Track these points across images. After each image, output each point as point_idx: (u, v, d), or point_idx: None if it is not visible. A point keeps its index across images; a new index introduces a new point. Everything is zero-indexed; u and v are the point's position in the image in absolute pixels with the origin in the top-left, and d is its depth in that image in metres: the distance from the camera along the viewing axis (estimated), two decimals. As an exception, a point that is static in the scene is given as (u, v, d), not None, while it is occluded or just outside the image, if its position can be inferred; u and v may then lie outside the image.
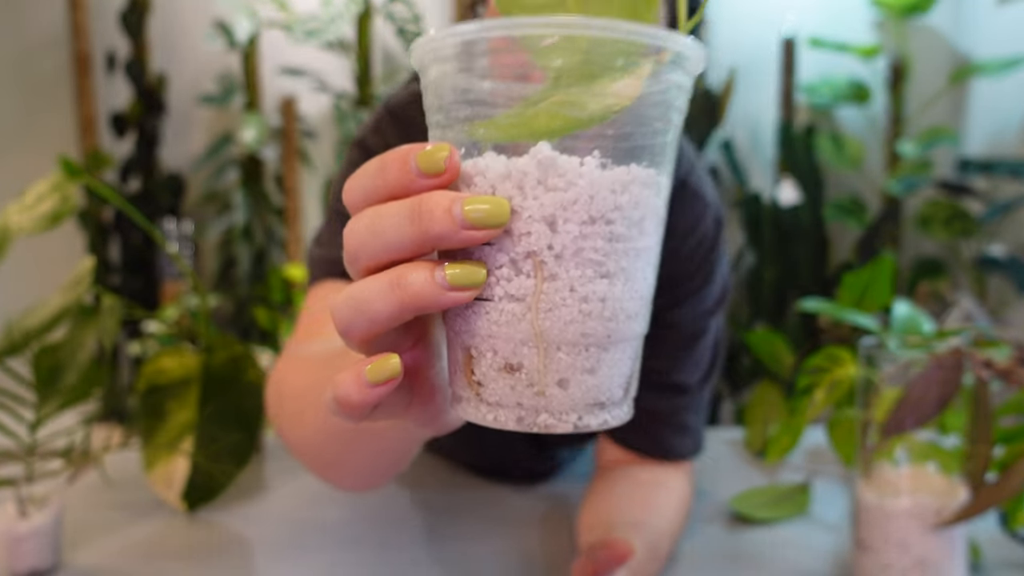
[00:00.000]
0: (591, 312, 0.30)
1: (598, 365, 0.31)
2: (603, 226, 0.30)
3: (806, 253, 2.54)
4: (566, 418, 0.31)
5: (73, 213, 0.78)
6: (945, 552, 0.57)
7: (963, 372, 0.53)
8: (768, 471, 0.88)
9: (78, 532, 0.74)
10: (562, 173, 0.30)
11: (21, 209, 0.78)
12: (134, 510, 0.79)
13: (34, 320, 0.75)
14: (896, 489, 0.58)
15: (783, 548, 0.70)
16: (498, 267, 0.31)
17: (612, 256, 0.30)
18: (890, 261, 0.84)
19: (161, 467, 0.78)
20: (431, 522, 0.76)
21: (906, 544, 0.57)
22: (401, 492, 0.83)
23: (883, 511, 0.58)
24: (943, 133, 2.40)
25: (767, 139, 2.75)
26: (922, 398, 0.52)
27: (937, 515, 0.56)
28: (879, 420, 0.57)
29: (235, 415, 0.79)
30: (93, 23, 2.66)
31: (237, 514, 0.78)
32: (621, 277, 0.31)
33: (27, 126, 2.78)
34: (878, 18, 2.69)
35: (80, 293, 0.77)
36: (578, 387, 0.31)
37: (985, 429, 0.54)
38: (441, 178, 0.30)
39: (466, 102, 0.31)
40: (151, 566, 0.68)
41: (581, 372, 0.31)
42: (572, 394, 0.31)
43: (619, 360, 0.32)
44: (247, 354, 0.80)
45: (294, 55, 2.69)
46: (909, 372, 0.55)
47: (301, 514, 0.78)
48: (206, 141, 2.79)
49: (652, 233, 0.32)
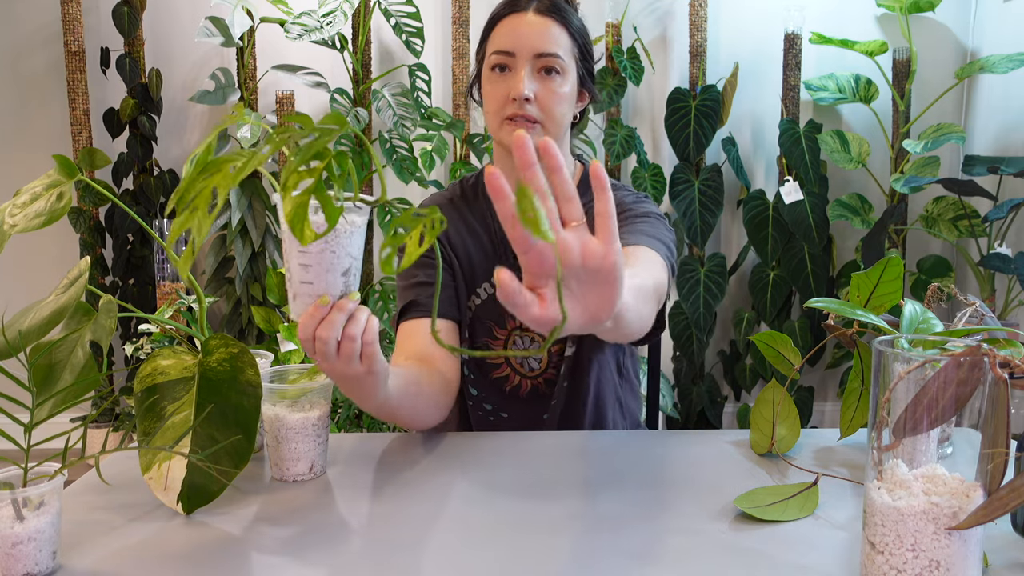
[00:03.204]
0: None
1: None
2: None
3: (810, 252, 2.53)
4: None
5: (66, 212, 0.77)
6: (959, 555, 0.56)
7: (982, 372, 0.52)
8: (775, 471, 0.87)
9: (75, 534, 0.73)
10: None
11: (15, 207, 0.77)
12: (132, 512, 0.78)
13: (30, 320, 0.74)
14: (910, 490, 0.57)
15: (791, 548, 0.69)
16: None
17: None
18: (900, 261, 0.82)
19: (158, 468, 0.77)
20: (431, 523, 0.75)
21: (920, 546, 0.56)
22: (401, 493, 0.82)
23: (897, 512, 0.57)
24: (949, 130, 2.38)
25: (771, 136, 2.73)
26: (939, 397, 0.51)
27: (953, 517, 0.55)
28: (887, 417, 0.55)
29: (233, 416, 0.78)
30: (86, 19, 2.65)
31: (235, 516, 0.77)
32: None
33: (19, 123, 2.77)
34: (883, 14, 2.68)
35: (77, 293, 0.75)
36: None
37: (1002, 429, 0.52)
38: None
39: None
40: (149, 568, 0.67)
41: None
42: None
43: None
44: (245, 354, 0.79)
45: (290, 52, 2.67)
46: (925, 372, 0.54)
47: (300, 515, 0.77)
48: (201, 138, 2.77)
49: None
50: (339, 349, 0.72)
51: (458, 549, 0.70)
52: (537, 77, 1.02)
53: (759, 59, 2.69)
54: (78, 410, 2.74)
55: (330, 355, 0.72)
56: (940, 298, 0.93)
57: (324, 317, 0.71)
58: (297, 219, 0.57)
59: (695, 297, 2.53)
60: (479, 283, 1.12)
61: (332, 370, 0.75)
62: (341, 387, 0.81)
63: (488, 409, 1.15)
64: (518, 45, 1.01)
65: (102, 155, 0.93)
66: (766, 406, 0.94)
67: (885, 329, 0.77)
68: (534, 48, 1.01)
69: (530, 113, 1.01)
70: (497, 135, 1.05)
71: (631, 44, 2.58)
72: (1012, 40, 2.43)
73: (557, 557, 0.68)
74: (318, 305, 0.71)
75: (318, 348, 0.72)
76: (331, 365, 0.74)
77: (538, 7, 1.03)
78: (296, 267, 0.71)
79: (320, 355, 0.72)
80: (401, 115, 2.49)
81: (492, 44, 1.04)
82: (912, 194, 2.53)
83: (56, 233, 2.76)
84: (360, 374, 0.76)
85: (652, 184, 2.55)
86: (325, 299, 0.71)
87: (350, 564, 0.67)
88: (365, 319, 0.73)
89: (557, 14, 1.03)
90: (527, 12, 1.03)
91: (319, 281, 0.71)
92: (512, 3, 1.04)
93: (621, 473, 0.87)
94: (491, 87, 1.04)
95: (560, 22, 1.03)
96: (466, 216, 1.13)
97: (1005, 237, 2.33)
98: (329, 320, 0.71)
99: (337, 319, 0.71)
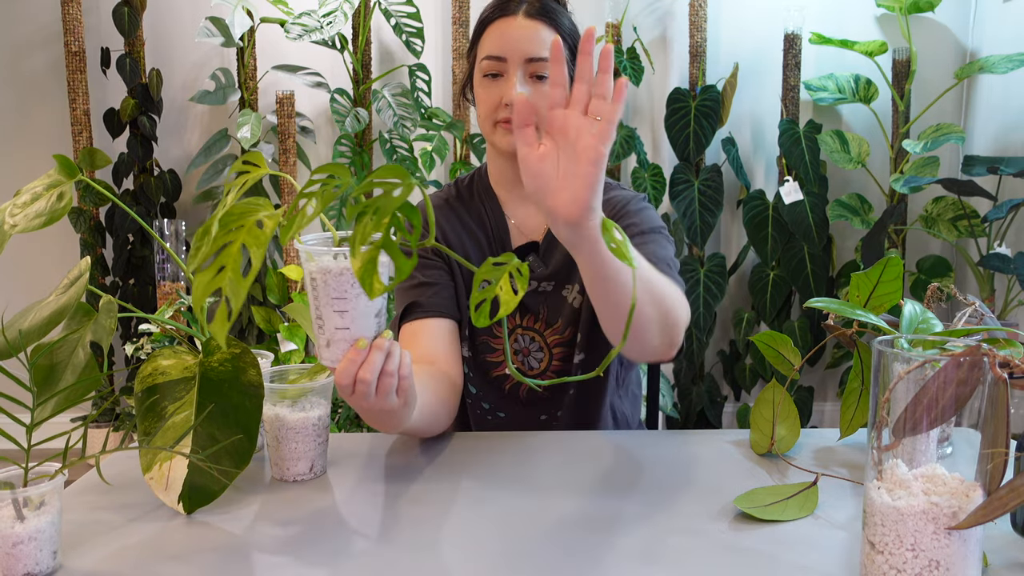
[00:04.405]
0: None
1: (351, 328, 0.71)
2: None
3: (810, 252, 2.53)
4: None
5: (66, 212, 0.77)
6: (959, 555, 0.56)
7: (982, 371, 0.52)
8: (775, 471, 0.87)
9: (76, 534, 0.73)
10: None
11: (15, 207, 0.77)
12: (132, 512, 0.78)
13: (30, 320, 0.74)
14: (910, 490, 0.57)
15: (791, 548, 0.69)
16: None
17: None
18: (899, 261, 0.82)
19: (159, 468, 0.77)
20: (431, 522, 0.75)
21: (919, 546, 0.56)
22: (401, 493, 0.82)
23: (897, 512, 0.57)
24: (949, 130, 2.38)
25: (771, 136, 2.73)
26: (939, 397, 0.51)
27: (953, 517, 0.55)
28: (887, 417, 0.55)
29: (234, 416, 0.78)
30: (86, 19, 2.65)
31: (236, 516, 0.77)
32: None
33: (19, 123, 2.77)
34: (883, 14, 2.68)
35: (78, 293, 0.75)
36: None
37: (1002, 429, 0.53)
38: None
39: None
40: (149, 568, 0.67)
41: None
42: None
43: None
44: (247, 354, 0.79)
45: (291, 52, 2.67)
46: (925, 372, 0.54)
47: (300, 515, 0.77)
48: (201, 138, 2.77)
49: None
50: (377, 387, 0.71)
51: (458, 549, 0.70)
52: (529, 81, 1.01)
53: (759, 59, 2.69)
54: (78, 410, 2.74)
55: (370, 395, 0.71)
56: (940, 298, 0.93)
57: (364, 360, 0.70)
58: (367, 274, 0.57)
59: (695, 297, 2.53)
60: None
61: (369, 408, 0.74)
62: (371, 420, 0.81)
63: (486, 408, 1.15)
64: (509, 50, 1.01)
65: (102, 155, 0.93)
66: (766, 406, 0.94)
67: (885, 329, 0.78)
68: (525, 53, 1.00)
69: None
70: (490, 138, 1.05)
71: (631, 44, 2.58)
72: (1012, 40, 2.43)
73: (557, 557, 0.68)
74: (357, 349, 0.70)
75: (359, 390, 0.70)
76: (369, 404, 0.73)
77: (528, 10, 1.02)
78: (331, 315, 0.69)
79: (359, 396, 0.71)
80: (401, 115, 2.49)
81: (483, 49, 1.04)
82: (912, 194, 2.53)
83: (56, 233, 2.76)
84: (396, 408, 0.76)
85: (652, 184, 2.55)
86: (363, 342, 0.70)
87: (350, 564, 0.67)
88: (399, 355, 0.73)
89: (547, 17, 1.02)
90: (517, 15, 1.02)
91: (355, 326, 0.70)
92: (501, 6, 1.04)
93: (621, 473, 0.87)
94: (483, 92, 1.04)
95: (550, 25, 1.02)
96: (463, 216, 1.13)
97: (1005, 237, 2.33)
98: (370, 362, 0.70)
99: (377, 360, 0.70)
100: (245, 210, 0.59)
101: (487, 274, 0.63)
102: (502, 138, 1.03)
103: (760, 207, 2.57)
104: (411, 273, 1.07)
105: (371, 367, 0.70)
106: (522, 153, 0.69)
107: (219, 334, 0.57)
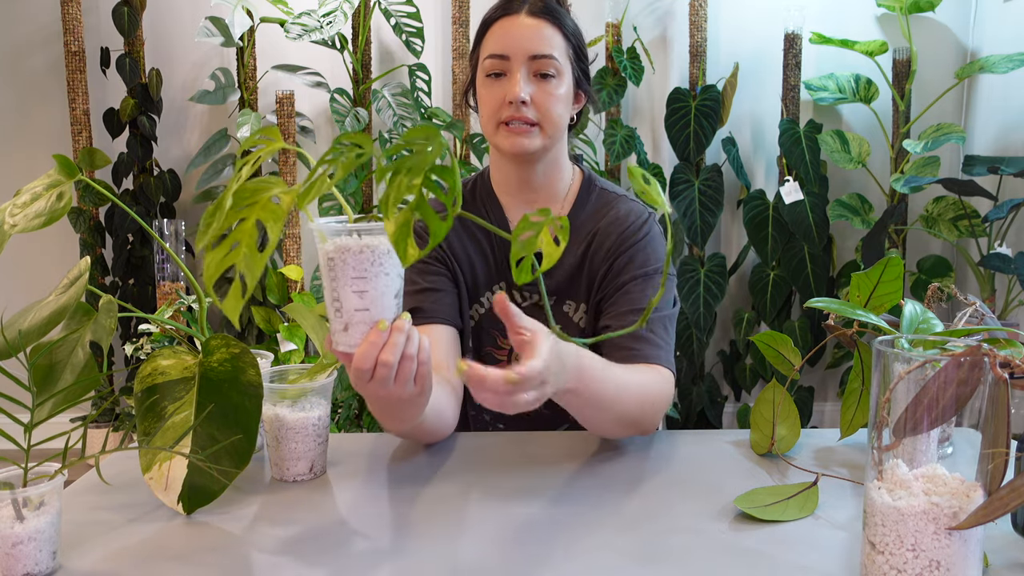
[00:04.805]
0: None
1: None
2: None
3: (810, 252, 2.53)
4: None
5: (66, 212, 0.77)
6: (960, 555, 0.56)
7: (983, 372, 0.52)
8: (775, 471, 0.87)
9: (75, 534, 0.73)
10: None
11: (15, 207, 0.77)
12: (132, 512, 0.78)
13: (30, 320, 0.74)
14: (910, 490, 0.57)
15: (791, 548, 0.69)
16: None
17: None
18: (900, 261, 0.82)
19: (159, 468, 0.77)
20: (431, 522, 0.75)
21: (920, 546, 0.56)
22: (401, 493, 0.82)
23: (898, 512, 0.57)
24: (949, 130, 2.38)
25: (771, 136, 2.73)
26: (939, 397, 0.51)
27: (953, 517, 0.55)
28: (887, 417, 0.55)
29: (233, 416, 0.78)
30: (86, 19, 2.65)
31: (235, 516, 0.77)
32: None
33: (19, 123, 2.77)
34: (883, 14, 2.68)
35: (77, 293, 0.75)
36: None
37: (1002, 429, 0.52)
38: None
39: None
40: (149, 568, 0.67)
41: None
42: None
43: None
44: (246, 355, 0.79)
45: (290, 52, 2.67)
46: (925, 372, 0.54)
47: (300, 515, 0.77)
48: (201, 138, 2.77)
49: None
50: (397, 373, 0.69)
51: (458, 549, 0.70)
52: (533, 80, 1.01)
53: (759, 59, 2.68)
54: (78, 410, 2.74)
55: (389, 381, 0.69)
56: (940, 298, 0.93)
57: (386, 342, 0.68)
58: (401, 238, 0.55)
59: (695, 297, 2.53)
60: (482, 292, 1.10)
61: (387, 396, 0.72)
62: (384, 412, 0.79)
63: (487, 420, 1.15)
64: (512, 48, 1.00)
65: (102, 155, 0.93)
66: (766, 406, 0.94)
67: (885, 329, 0.78)
68: (528, 50, 1.00)
69: (527, 116, 1.00)
70: (493, 139, 1.04)
71: (631, 44, 2.58)
72: (1012, 40, 2.42)
73: (557, 557, 0.68)
74: (377, 331, 0.67)
75: (379, 374, 0.68)
76: (387, 391, 0.70)
77: (531, 9, 1.02)
78: (349, 295, 0.67)
79: (378, 381, 0.68)
80: (401, 115, 2.49)
81: (486, 48, 1.03)
82: (912, 194, 2.53)
83: (56, 233, 2.76)
84: (413, 396, 0.74)
85: (652, 184, 2.55)
86: (384, 324, 0.67)
87: (350, 564, 0.67)
88: (418, 338, 0.71)
89: (550, 16, 1.02)
90: (520, 14, 1.01)
91: (375, 306, 0.67)
92: (504, 6, 1.03)
93: (621, 473, 0.87)
94: (487, 92, 1.03)
95: (554, 23, 1.02)
96: (465, 222, 1.11)
97: (1005, 237, 2.33)
98: (392, 343, 0.67)
99: (399, 341, 0.68)
100: (258, 187, 0.57)
101: (523, 230, 0.60)
102: (505, 140, 1.02)
103: (760, 207, 2.57)
104: (413, 278, 1.06)
105: (393, 349, 0.67)
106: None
107: (232, 312, 0.55)
